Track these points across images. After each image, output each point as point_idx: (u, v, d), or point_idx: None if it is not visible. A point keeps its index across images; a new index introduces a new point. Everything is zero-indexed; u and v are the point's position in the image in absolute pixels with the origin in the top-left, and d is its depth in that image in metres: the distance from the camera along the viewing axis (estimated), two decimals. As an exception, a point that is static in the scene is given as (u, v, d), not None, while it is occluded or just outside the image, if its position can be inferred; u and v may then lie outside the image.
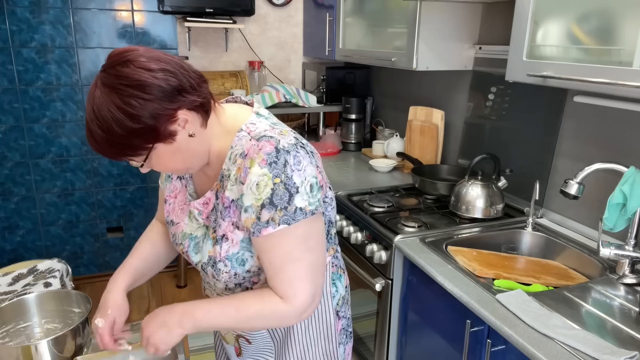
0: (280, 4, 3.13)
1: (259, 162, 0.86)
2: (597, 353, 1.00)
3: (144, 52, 0.84)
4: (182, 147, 0.88)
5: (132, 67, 0.81)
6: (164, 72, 0.82)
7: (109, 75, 0.82)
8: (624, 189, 1.30)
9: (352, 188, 2.13)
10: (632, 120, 1.47)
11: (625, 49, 1.14)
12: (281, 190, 0.86)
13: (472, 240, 1.62)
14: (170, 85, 0.82)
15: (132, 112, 0.80)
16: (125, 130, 0.81)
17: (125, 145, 0.84)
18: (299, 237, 0.90)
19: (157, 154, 0.87)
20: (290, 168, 0.86)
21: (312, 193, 0.89)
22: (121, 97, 0.80)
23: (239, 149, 0.91)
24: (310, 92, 3.02)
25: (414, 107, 2.41)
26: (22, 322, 1.21)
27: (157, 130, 0.83)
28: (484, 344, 1.24)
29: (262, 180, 0.85)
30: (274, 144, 0.87)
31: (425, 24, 1.91)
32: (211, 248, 0.97)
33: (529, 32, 1.36)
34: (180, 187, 1.07)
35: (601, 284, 1.32)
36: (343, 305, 1.16)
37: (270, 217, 0.86)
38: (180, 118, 0.85)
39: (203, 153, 0.94)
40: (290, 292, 0.91)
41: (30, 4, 2.65)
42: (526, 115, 1.84)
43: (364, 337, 1.92)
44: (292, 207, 0.87)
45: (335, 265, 1.13)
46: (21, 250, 2.99)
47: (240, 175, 0.89)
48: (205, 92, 0.89)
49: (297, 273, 0.91)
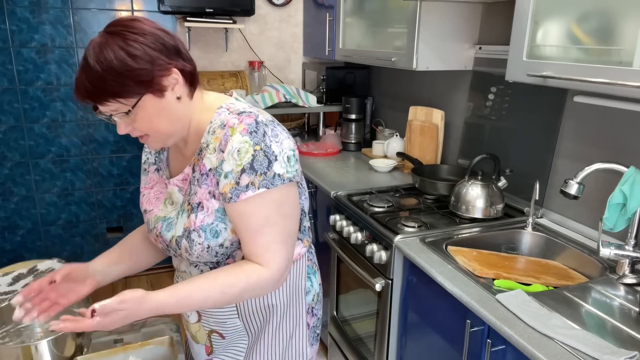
0: (280, 4, 3.13)
1: (240, 130, 0.91)
2: (597, 353, 1.00)
3: (149, 20, 0.93)
4: (169, 106, 0.93)
5: (138, 22, 0.89)
6: (164, 32, 0.92)
7: (115, 27, 0.89)
8: (624, 189, 1.30)
9: (352, 188, 2.13)
10: (632, 120, 1.47)
11: (625, 49, 1.14)
12: (261, 156, 0.91)
13: (472, 240, 1.62)
14: (169, 43, 0.91)
15: (132, 52, 0.86)
16: (124, 68, 0.85)
17: (119, 84, 0.86)
18: (276, 201, 0.93)
19: (144, 105, 0.90)
20: (269, 138, 0.92)
21: (290, 163, 0.95)
22: (124, 40, 0.86)
23: (218, 122, 0.96)
24: (310, 92, 3.02)
25: (414, 107, 2.41)
26: (22, 322, 1.21)
27: (152, 77, 0.88)
28: (484, 344, 1.24)
29: (243, 147, 0.91)
30: (254, 117, 0.93)
31: (425, 24, 1.91)
32: (186, 220, 0.98)
33: (529, 32, 1.36)
34: (157, 178, 1.10)
35: (601, 284, 1.32)
36: (317, 302, 1.18)
37: (250, 181, 0.91)
38: (172, 76, 0.91)
39: (185, 120, 0.98)
40: (268, 255, 0.94)
41: (30, 4, 2.65)
42: (526, 115, 1.84)
43: (364, 337, 1.92)
44: (271, 173, 0.92)
45: (310, 260, 1.16)
46: (21, 250, 2.99)
47: (220, 144, 0.93)
48: (195, 67, 0.97)
49: (275, 237, 0.94)
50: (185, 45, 2.96)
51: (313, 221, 2.48)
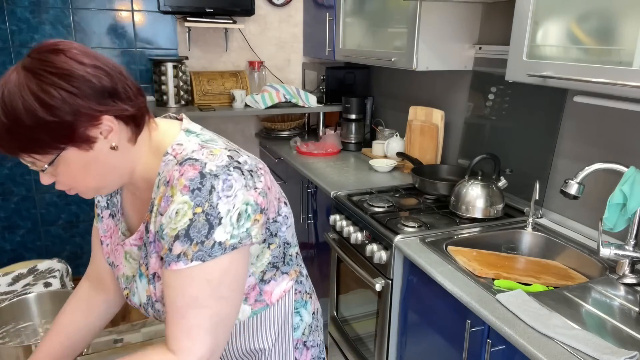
0: (280, 4, 3.13)
1: (180, 189, 0.75)
2: (597, 353, 1.00)
3: (79, 47, 0.75)
4: (99, 159, 0.77)
5: (63, 56, 0.72)
6: (97, 69, 0.74)
7: (33, 60, 0.71)
8: (624, 189, 1.30)
9: (352, 188, 2.13)
10: (632, 120, 1.47)
11: (625, 49, 1.14)
12: (201, 221, 0.74)
13: (472, 240, 1.62)
14: (101, 84, 0.73)
15: (48, 102, 0.69)
16: (35, 122, 0.69)
17: (29, 139, 0.71)
18: (212, 281, 0.76)
19: (66, 159, 0.75)
20: (217, 195, 0.75)
21: (239, 223, 0.77)
22: (40, 84, 0.69)
23: (165, 175, 0.79)
24: (310, 92, 3.02)
25: (414, 107, 2.41)
26: (22, 322, 1.21)
27: (74, 130, 0.72)
28: (484, 344, 1.24)
29: (181, 209, 0.75)
30: (199, 168, 0.76)
31: (425, 24, 1.91)
32: (147, 287, 0.87)
33: (529, 32, 1.36)
34: (113, 225, 0.96)
35: (601, 284, 1.32)
36: (311, 333, 1.03)
37: (182, 250, 0.75)
38: (104, 124, 0.74)
39: (124, 170, 0.82)
40: (186, 344, 0.76)
41: (30, 4, 2.65)
42: (526, 115, 1.84)
43: (364, 337, 1.92)
44: (210, 242, 0.75)
45: (299, 291, 0.99)
46: (21, 250, 2.99)
47: (161, 206, 0.78)
48: (141, 104, 0.79)
49: (201, 322, 0.77)
50: (186, 45, 2.98)
51: (313, 221, 2.48)
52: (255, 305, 0.90)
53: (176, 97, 2.79)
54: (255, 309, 0.90)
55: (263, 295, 0.90)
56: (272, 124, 3.18)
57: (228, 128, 3.26)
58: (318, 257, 2.46)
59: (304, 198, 2.54)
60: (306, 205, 2.54)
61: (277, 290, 0.92)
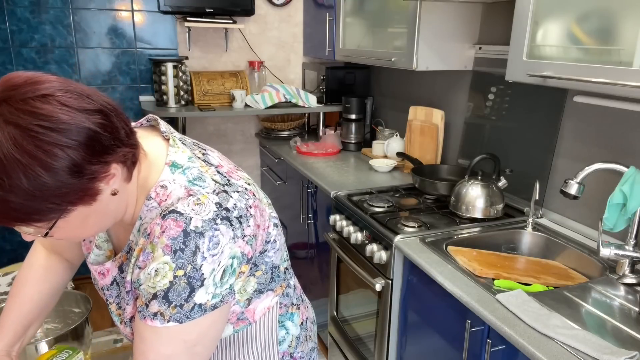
0: (280, 4, 3.13)
1: (162, 247, 0.68)
2: (597, 353, 1.00)
3: (64, 85, 0.63)
4: (99, 208, 0.69)
5: (55, 103, 0.60)
6: (95, 113, 0.63)
7: (19, 112, 0.58)
8: (624, 189, 1.30)
9: (352, 188, 2.13)
10: (632, 120, 1.47)
11: (625, 49, 1.14)
12: (182, 285, 0.68)
13: (472, 240, 1.62)
14: (104, 131, 0.64)
15: (51, 165, 0.59)
16: (39, 189, 0.59)
17: (31, 210, 0.61)
18: (188, 341, 0.71)
19: (67, 218, 0.66)
20: (202, 256, 0.68)
21: (223, 281, 0.71)
22: (39, 145, 0.58)
23: (146, 225, 0.73)
24: (310, 92, 3.02)
25: (414, 107, 2.41)
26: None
27: (84, 190, 0.64)
28: (484, 344, 1.24)
29: (161, 269, 0.68)
30: (182, 225, 0.68)
31: (425, 24, 1.91)
32: (125, 328, 0.84)
33: (529, 32, 1.36)
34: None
35: (601, 284, 1.32)
36: (299, 345, 0.99)
37: (159, 311, 0.69)
38: (110, 172, 0.67)
39: (118, 214, 0.75)
40: None
41: (30, 4, 2.65)
42: (526, 115, 1.84)
43: (364, 337, 1.92)
44: (189, 305, 0.69)
45: (285, 304, 0.93)
46: (21, 250, 2.99)
47: (139, 260, 0.71)
48: (135, 140, 0.71)
49: None
50: (186, 45, 2.98)
51: (313, 221, 2.48)
52: (237, 324, 0.86)
53: (176, 97, 2.79)
54: (237, 328, 0.86)
55: (246, 314, 0.86)
56: (272, 124, 3.18)
57: (228, 128, 3.26)
58: (318, 257, 2.46)
59: (304, 198, 2.54)
60: (306, 205, 2.54)
61: (260, 307, 0.87)
